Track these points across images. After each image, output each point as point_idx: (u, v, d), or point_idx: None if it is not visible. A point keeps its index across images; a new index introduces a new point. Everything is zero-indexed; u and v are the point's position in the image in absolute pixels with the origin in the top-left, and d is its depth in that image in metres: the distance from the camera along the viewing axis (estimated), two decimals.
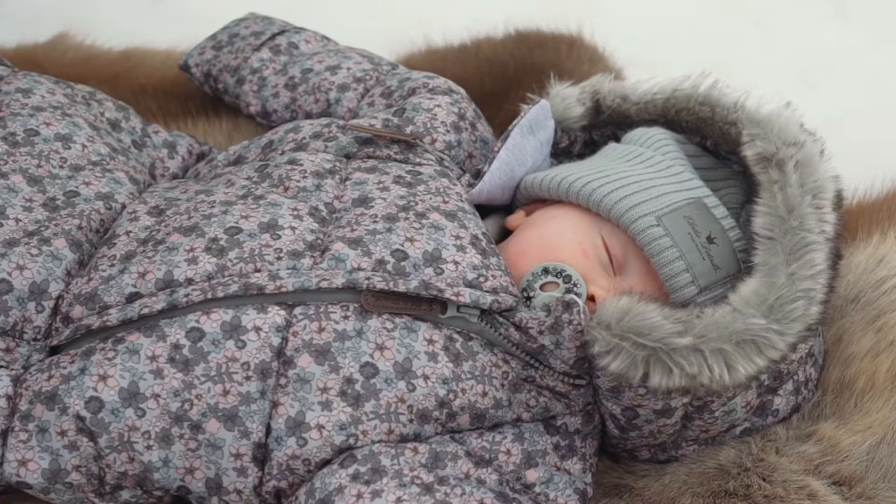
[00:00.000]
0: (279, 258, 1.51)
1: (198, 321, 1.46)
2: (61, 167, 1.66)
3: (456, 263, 1.54)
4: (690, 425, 1.58)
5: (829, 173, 1.63)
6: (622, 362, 1.45)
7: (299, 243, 1.53)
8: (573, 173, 1.69)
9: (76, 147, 1.69)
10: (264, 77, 2.00)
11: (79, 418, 1.43)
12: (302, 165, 1.66)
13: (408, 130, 1.74)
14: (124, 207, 1.64)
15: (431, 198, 1.62)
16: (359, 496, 1.41)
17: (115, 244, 1.56)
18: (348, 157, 1.71)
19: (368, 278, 1.49)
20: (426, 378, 1.48)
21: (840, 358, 1.71)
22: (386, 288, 1.48)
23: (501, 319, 1.52)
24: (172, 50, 2.21)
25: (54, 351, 1.51)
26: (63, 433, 1.44)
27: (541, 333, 1.50)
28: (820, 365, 1.71)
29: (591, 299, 1.59)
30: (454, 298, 1.50)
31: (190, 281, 1.49)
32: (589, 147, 1.87)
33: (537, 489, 1.51)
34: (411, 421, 1.47)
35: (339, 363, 1.46)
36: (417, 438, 1.49)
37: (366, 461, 1.44)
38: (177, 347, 1.44)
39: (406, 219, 1.57)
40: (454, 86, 1.86)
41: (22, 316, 1.52)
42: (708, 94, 1.79)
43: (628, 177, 1.66)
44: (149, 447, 1.44)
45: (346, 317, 1.48)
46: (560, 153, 1.86)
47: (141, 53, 2.25)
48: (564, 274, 1.60)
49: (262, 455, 1.45)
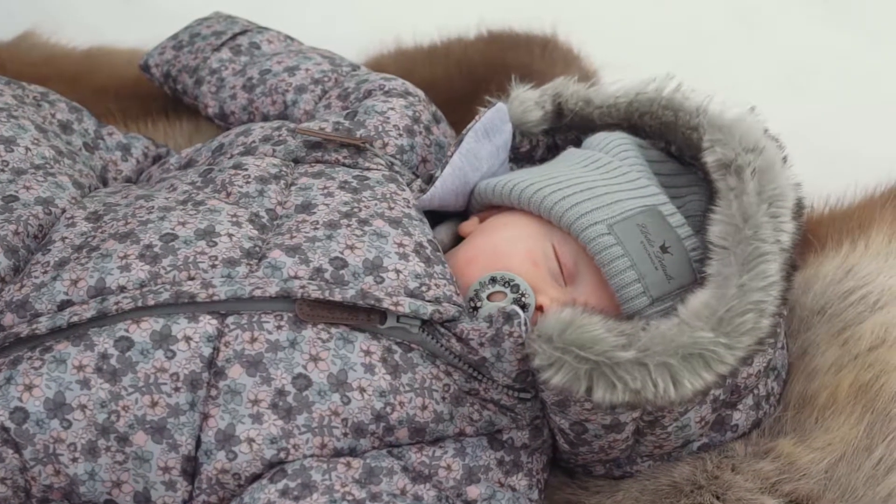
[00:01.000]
0: (214, 266, 1.47)
1: (127, 330, 1.42)
2: (2, 171, 1.62)
3: (397, 272, 1.49)
4: (643, 441, 1.54)
5: (791, 181, 1.58)
6: (564, 376, 1.41)
7: (236, 251, 1.49)
8: (526, 179, 1.64)
9: (19, 150, 1.66)
10: (223, 78, 1.96)
11: (3, 429, 1.39)
12: (246, 170, 1.61)
13: (359, 134, 1.70)
14: (64, 212, 1.60)
15: (376, 204, 1.57)
16: None
17: (50, 250, 1.52)
18: (297, 162, 1.66)
19: (303, 287, 1.45)
20: (362, 391, 1.43)
21: (804, 372, 1.67)
22: (321, 297, 1.44)
23: (443, 330, 1.48)
24: (137, 50, 2.16)
25: None
26: None
27: (481, 345, 1.46)
28: (783, 379, 1.66)
29: (541, 309, 1.54)
30: (393, 308, 1.45)
31: (122, 289, 1.45)
32: (552, 152, 1.82)
33: None
34: (346, 435, 1.43)
35: (271, 374, 1.42)
36: (353, 453, 1.44)
37: (296, 476, 1.40)
38: (104, 357, 1.40)
39: (348, 226, 1.53)
40: (412, 88, 1.81)
41: None
42: (671, 98, 1.74)
43: (581, 183, 1.61)
44: (74, 459, 1.40)
45: (280, 326, 1.44)
46: (521, 158, 1.81)
47: (104, 53, 2.21)
48: (512, 283, 1.55)
49: (192, 469, 1.41)
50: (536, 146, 1.81)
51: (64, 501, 1.43)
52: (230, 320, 1.44)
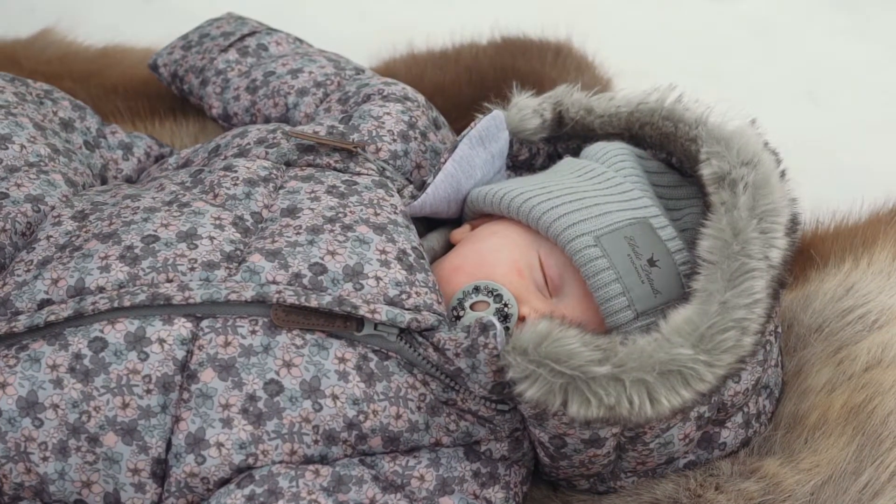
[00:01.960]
0: (192, 269, 1.47)
1: (102, 331, 1.42)
2: None
3: (378, 279, 1.48)
4: (625, 456, 1.52)
5: (787, 196, 1.55)
6: (539, 390, 1.39)
7: (216, 254, 1.48)
8: (516, 188, 1.63)
9: (14, 147, 1.66)
10: (228, 79, 1.96)
11: None
12: (236, 172, 1.61)
13: (353, 138, 1.69)
14: (53, 210, 1.61)
15: (363, 209, 1.56)
16: None
17: (35, 249, 1.53)
18: (289, 165, 1.66)
19: (279, 292, 1.44)
20: (335, 398, 1.42)
21: (797, 391, 1.63)
22: (297, 303, 1.43)
23: (421, 339, 1.46)
24: (152, 49, 2.17)
25: None
26: None
27: (457, 356, 1.44)
28: (776, 397, 1.63)
29: (524, 320, 1.52)
30: (370, 316, 1.44)
31: (101, 289, 1.45)
32: (553, 160, 1.79)
33: None
34: (317, 442, 1.42)
35: (243, 379, 1.41)
36: (324, 460, 1.43)
37: (263, 482, 1.39)
38: (78, 357, 1.41)
39: (331, 231, 1.52)
40: (412, 93, 1.80)
41: None
42: (672, 109, 1.71)
43: (572, 193, 1.59)
44: (45, 459, 1.40)
45: (254, 331, 1.43)
46: (520, 166, 1.79)
47: (119, 52, 2.22)
48: (496, 293, 1.54)
49: (162, 471, 1.41)
50: (536, 154, 1.79)
51: (35, 500, 1.43)
52: (205, 324, 1.43)
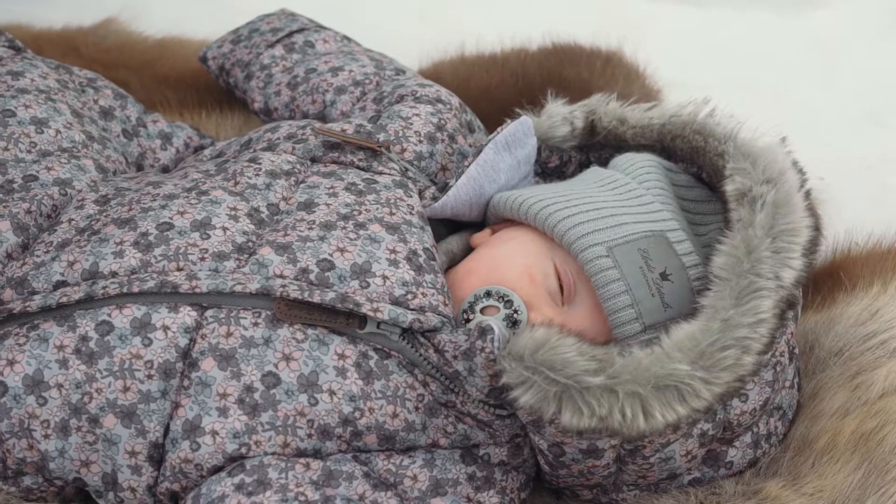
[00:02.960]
0: (203, 258, 1.49)
1: (109, 315, 1.45)
2: (29, 151, 1.67)
3: (385, 278, 1.49)
4: (626, 469, 1.51)
5: (808, 216, 1.53)
6: (533, 396, 1.38)
7: (227, 245, 1.51)
8: (536, 195, 1.62)
9: (49, 132, 1.70)
10: (272, 74, 1.99)
11: None
12: (259, 164, 1.63)
13: (379, 138, 1.70)
14: (80, 194, 1.65)
15: (378, 208, 1.57)
16: None
17: (56, 231, 1.57)
18: (314, 161, 1.67)
19: (284, 286, 1.46)
20: (332, 393, 1.44)
21: (810, 413, 1.61)
22: (300, 298, 1.45)
23: (423, 340, 1.47)
24: (207, 42, 2.19)
25: None
26: None
27: (455, 358, 1.45)
28: (789, 419, 1.61)
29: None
30: (372, 314, 1.45)
31: (114, 274, 1.48)
32: (585, 169, 1.79)
33: None
34: (311, 436, 1.44)
35: (242, 370, 1.43)
36: (317, 454, 1.45)
37: (253, 472, 1.41)
38: (84, 339, 1.44)
39: (344, 228, 1.53)
40: (445, 96, 1.80)
41: None
42: (704, 123, 1.69)
43: (590, 203, 1.59)
44: (46, 436, 1.43)
45: (256, 324, 1.45)
46: (550, 173, 1.79)
47: (175, 44, 2.27)
48: (507, 299, 1.54)
49: (159, 455, 1.44)
50: (568, 162, 1.78)
51: (38, 475, 1.47)
52: (210, 313, 1.46)
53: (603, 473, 1.51)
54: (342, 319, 1.46)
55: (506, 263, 1.58)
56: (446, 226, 1.73)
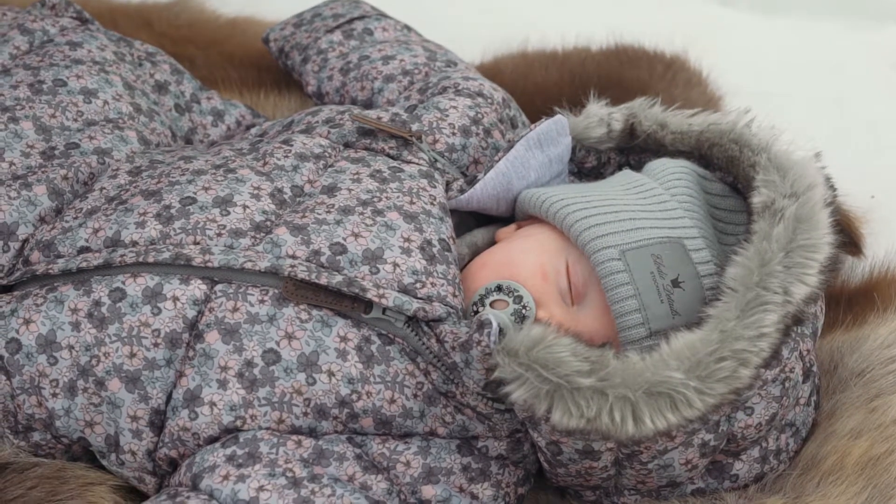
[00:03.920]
0: (219, 234, 1.52)
1: (124, 282, 1.49)
2: (75, 120, 1.73)
3: (395, 265, 1.51)
4: (624, 473, 1.50)
5: (831, 233, 1.51)
6: (525, 393, 1.39)
7: (245, 223, 1.54)
8: (559, 193, 1.62)
9: (97, 102, 1.76)
10: (327, 59, 2.02)
11: None
12: (291, 146, 1.66)
13: (413, 127, 1.71)
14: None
15: (399, 196, 1.59)
16: (226, 477, 1.42)
17: (87, 198, 1.62)
18: (347, 146, 1.70)
19: (293, 266, 1.48)
20: (331, 374, 1.46)
21: (824, 433, 1.58)
22: (307, 279, 1.47)
23: (427, 328, 1.49)
24: (277, 22, 2.24)
25: (7, 289, 1.58)
26: None
27: (453, 349, 1.46)
28: (802, 437, 1.59)
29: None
30: (377, 300, 1.47)
31: (134, 243, 1.53)
32: None
33: None
34: (306, 414, 1.46)
35: (244, 345, 1.46)
36: (312, 433, 1.47)
37: (245, 445, 1.44)
38: (98, 304, 1.48)
39: (361, 213, 1.55)
40: (488, 90, 1.81)
41: None
42: (741, 133, 1.67)
43: (610, 205, 1.58)
44: (54, 395, 1.48)
45: (263, 301, 1.48)
46: (587, 173, 1.79)
47: (245, 23, 2.30)
48: (516, 294, 1.54)
49: (160, 422, 1.48)
50: (606, 164, 1.78)
51: (46, 432, 1.52)
52: (219, 288, 1.49)
53: (601, 476, 1.51)
54: (348, 303, 1.48)
55: (520, 259, 1.58)
56: (477, 219, 1.74)
